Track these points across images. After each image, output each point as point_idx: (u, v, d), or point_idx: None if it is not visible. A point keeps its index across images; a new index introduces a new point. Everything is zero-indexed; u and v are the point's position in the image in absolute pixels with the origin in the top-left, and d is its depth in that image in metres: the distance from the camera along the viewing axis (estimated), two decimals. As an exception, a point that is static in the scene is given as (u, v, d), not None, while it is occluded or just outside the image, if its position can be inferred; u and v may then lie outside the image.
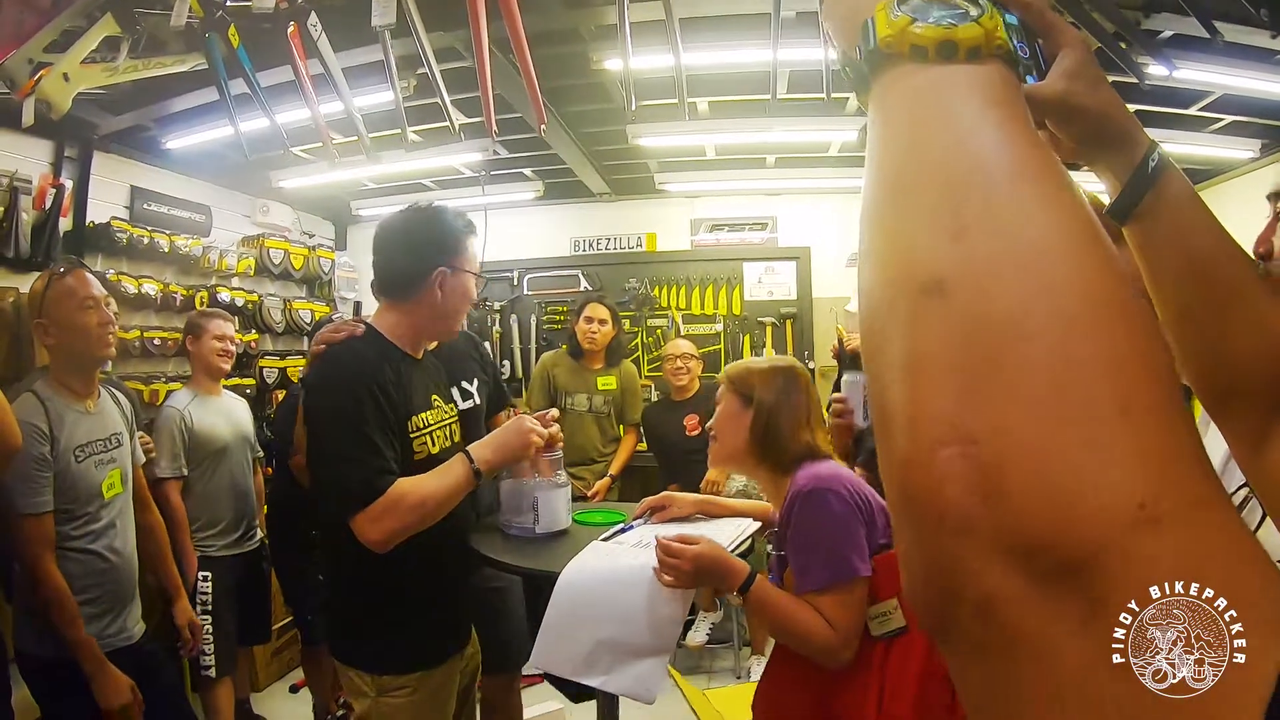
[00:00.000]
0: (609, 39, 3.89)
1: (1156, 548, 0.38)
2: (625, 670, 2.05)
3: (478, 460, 2.34)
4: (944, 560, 0.43)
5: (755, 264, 7.04)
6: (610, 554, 2.33)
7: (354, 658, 2.39)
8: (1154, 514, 0.38)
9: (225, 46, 3.18)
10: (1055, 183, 0.48)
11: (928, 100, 0.53)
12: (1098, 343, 0.43)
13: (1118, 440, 0.40)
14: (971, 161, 0.49)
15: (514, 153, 5.97)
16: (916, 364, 0.46)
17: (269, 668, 5.12)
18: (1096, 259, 0.46)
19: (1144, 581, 0.38)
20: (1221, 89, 4.25)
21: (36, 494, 2.69)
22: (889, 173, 0.53)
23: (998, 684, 0.42)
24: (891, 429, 0.46)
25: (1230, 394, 1.02)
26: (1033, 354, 0.42)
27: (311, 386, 2.35)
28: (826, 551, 2.00)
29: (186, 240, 5.39)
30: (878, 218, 0.52)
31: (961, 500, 0.41)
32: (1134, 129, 0.98)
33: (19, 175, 4.32)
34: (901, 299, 0.48)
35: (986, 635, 0.42)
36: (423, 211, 2.56)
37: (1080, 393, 0.41)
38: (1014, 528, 0.40)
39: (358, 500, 2.15)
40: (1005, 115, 0.51)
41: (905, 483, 0.45)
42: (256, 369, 5.85)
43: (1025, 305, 0.43)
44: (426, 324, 2.50)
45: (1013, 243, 0.45)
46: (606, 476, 5.38)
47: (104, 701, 2.73)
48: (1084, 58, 0.91)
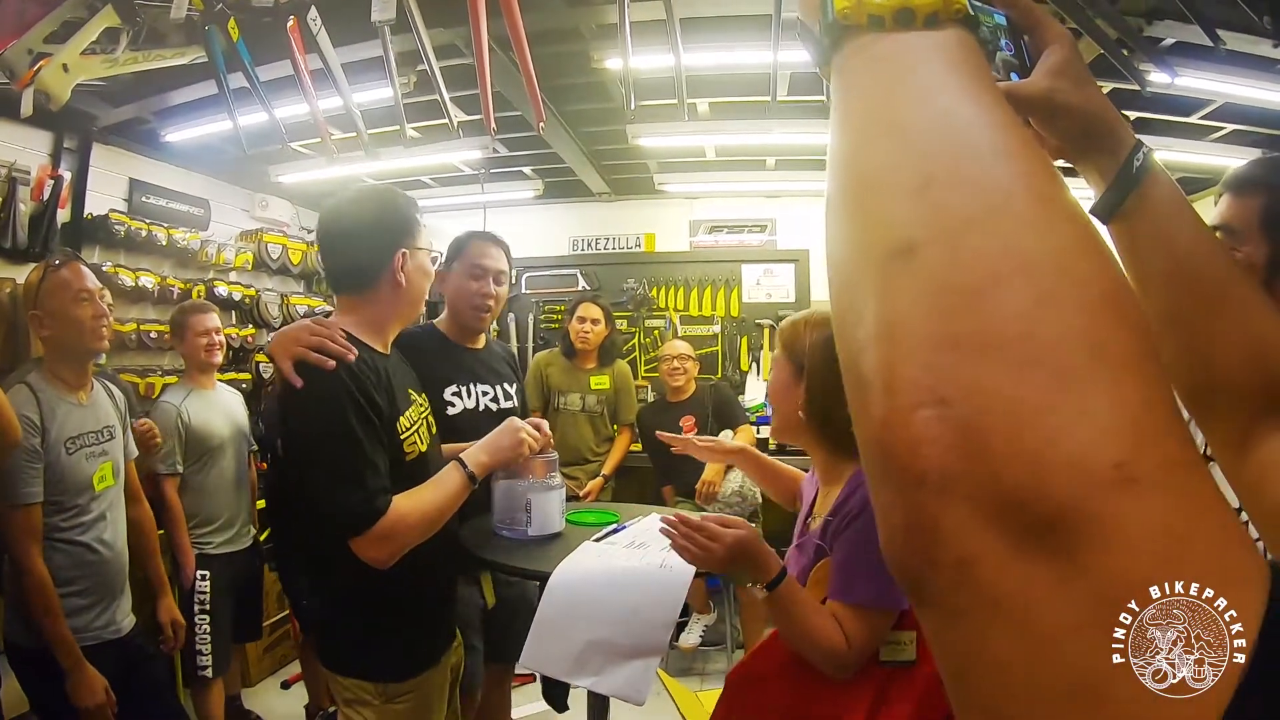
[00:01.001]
0: (609, 38, 3.89)
1: (1133, 509, 0.38)
2: (616, 671, 2.04)
3: (471, 465, 2.32)
4: (922, 521, 0.43)
5: (754, 266, 7.06)
6: (602, 555, 2.33)
7: (355, 668, 2.33)
8: (1131, 474, 0.38)
9: (225, 40, 3.18)
10: (1017, 137, 0.48)
11: (887, 67, 0.53)
12: (1068, 293, 0.43)
13: (1092, 393, 0.40)
14: (933, 122, 0.49)
15: (513, 151, 5.98)
16: (889, 328, 0.45)
17: (260, 663, 5.10)
18: (1061, 208, 0.46)
19: (1121, 543, 0.38)
20: (1223, 97, 4.24)
21: (25, 485, 2.68)
22: (852, 143, 0.53)
23: (975, 646, 0.42)
24: (867, 395, 0.46)
25: (1214, 396, 1.01)
26: (1003, 309, 0.42)
27: (296, 405, 2.22)
28: (878, 571, 1.83)
29: (184, 234, 5.39)
30: (844, 192, 0.52)
31: (939, 460, 0.41)
32: (1119, 127, 0.98)
33: (17, 166, 4.32)
34: (871, 265, 0.48)
35: (964, 596, 0.42)
36: (368, 195, 2.46)
37: (1053, 345, 0.41)
38: (991, 487, 0.40)
39: (360, 524, 2.10)
40: (965, 77, 0.51)
41: (883, 445, 0.45)
42: (253, 364, 5.85)
43: (993, 260, 0.43)
44: (392, 312, 2.39)
45: (977, 198, 0.45)
46: (599, 477, 5.36)
47: (77, 700, 2.72)
48: (1069, 55, 0.91)
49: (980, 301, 0.43)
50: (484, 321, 3.16)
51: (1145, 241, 0.99)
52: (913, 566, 0.44)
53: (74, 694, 2.71)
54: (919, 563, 0.44)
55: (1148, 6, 3.36)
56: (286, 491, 4.01)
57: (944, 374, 0.42)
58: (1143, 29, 3.42)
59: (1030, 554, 0.39)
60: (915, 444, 0.42)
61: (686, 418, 5.44)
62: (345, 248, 2.35)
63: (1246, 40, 3.40)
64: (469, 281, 3.09)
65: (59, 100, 3.08)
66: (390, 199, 2.42)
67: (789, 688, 1.97)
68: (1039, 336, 0.41)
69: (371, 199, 2.42)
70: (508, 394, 3.16)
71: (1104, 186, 0.99)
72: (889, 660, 1.90)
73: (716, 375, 6.73)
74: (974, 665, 0.42)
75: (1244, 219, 1.44)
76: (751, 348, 6.95)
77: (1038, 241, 0.44)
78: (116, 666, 2.89)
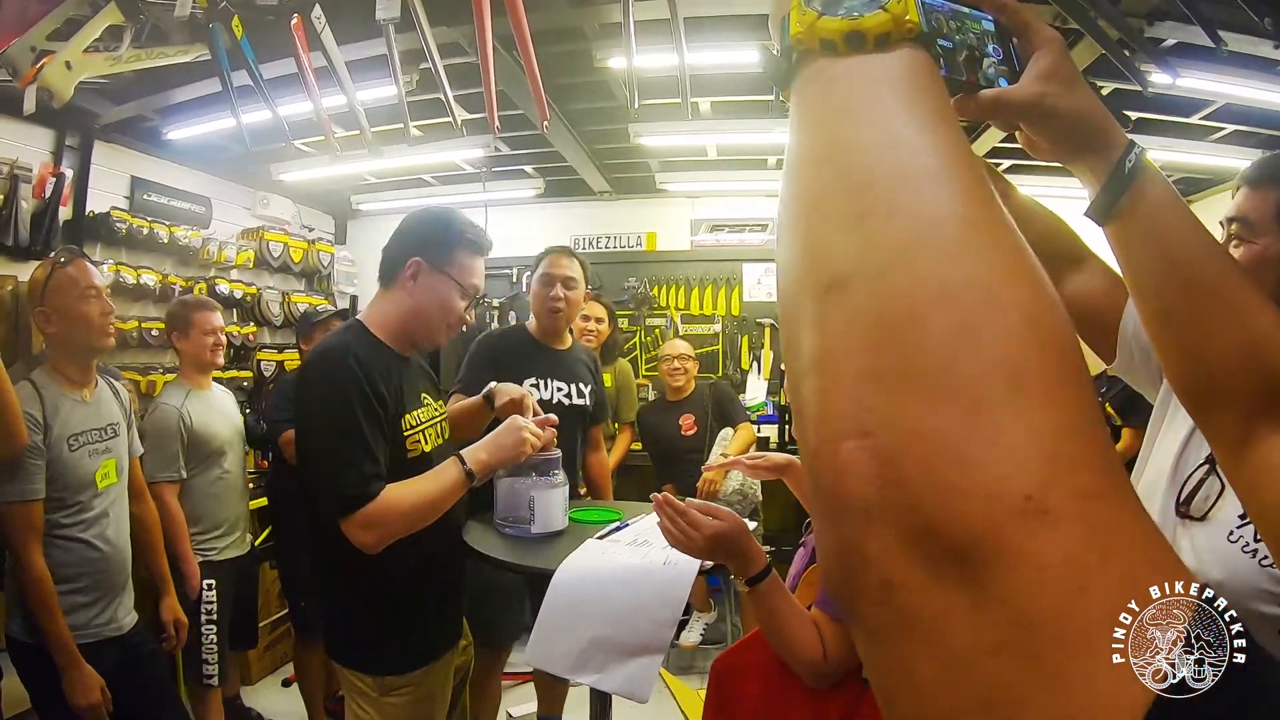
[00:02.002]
0: (612, 37, 3.90)
1: (1043, 540, 0.38)
2: (619, 669, 2.04)
3: (471, 462, 2.34)
4: (849, 546, 0.44)
5: (755, 265, 7.06)
6: (606, 552, 2.33)
7: (354, 659, 2.37)
8: (1041, 505, 0.39)
9: (229, 37, 3.18)
10: (955, 161, 0.48)
11: (834, 93, 0.53)
12: (990, 320, 0.43)
13: (1006, 423, 0.41)
14: (872, 151, 0.49)
15: (515, 150, 5.98)
16: (820, 360, 0.46)
17: (260, 662, 5.11)
18: (989, 233, 0.46)
19: (1029, 572, 0.38)
20: (1224, 98, 4.25)
21: (26, 481, 2.68)
22: (798, 169, 0.53)
23: (898, 666, 0.43)
24: (803, 422, 0.48)
25: (1211, 395, 1.01)
26: (924, 341, 0.43)
27: (304, 384, 2.32)
28: None
29: (186, 231, 5.39)
30: (789, 213, 0.53)
31: (861, 490, 0.42)
32: (1111, 129, 0.98)
33: (19, 163, 4.32)
34: (807, 297, 0.48)
35: (886, 618, 0.43)
36: (432, 209, 2.57)
37: (971, 376, 0.42)
38: (909, 515, 0.41)
39: (350, 504, 2.14)
40: (910, 100, 0.51)
41: (815, 473, 0.46)
42: (254, 362, 5.85)
43: (917, 292, 0.44)
44: (406, 319, 2.43)
45: (906, 230, 0.46)
46: (602, 475, 5.35)
47: (71, 698, 2.71)
48: (1058, 59, 0.91)
49: (903, 334, 0.43)
50: (557, 321, 3.60)
51: (1140, 241, 1.00)
52: (843, 588, 0.46)
53: (69, 692, 2.71)
54: (848, 585, 0.45)
55: (1149, 7, 3.36)
56: (291, 488, 3.99)
57: (868, 406, 0.43)
58: (1144, 30, 3.42)
59: (946, 580, 0.40)
60: (841, 473, 0.44)
61: (686, 416, 5.44)
62: (390, 238, 2.48)
63: (1248, 41, 3.40)
64: (542, 288, 3.57)
65: (62, 98, 3.08)
66: (440, 216, 2.52)
67: (766, 685, 2.01)
68: (957, 368, 0.42)
69: (430, 211, 2.56)
70: (580, 392, 3.59)
71: (1098, 188, 0.99)
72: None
73: (718, 374, 6.73)
74: (899, 685, 0.43)
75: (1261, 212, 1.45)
76: (752, 346, 6.95)
77: (962, 270, 0.44)
78: (117, 664, 2.89)
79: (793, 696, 1.96)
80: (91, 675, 2.75)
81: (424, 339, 2.50)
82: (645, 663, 2.03)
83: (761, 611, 1.91)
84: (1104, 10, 3.12)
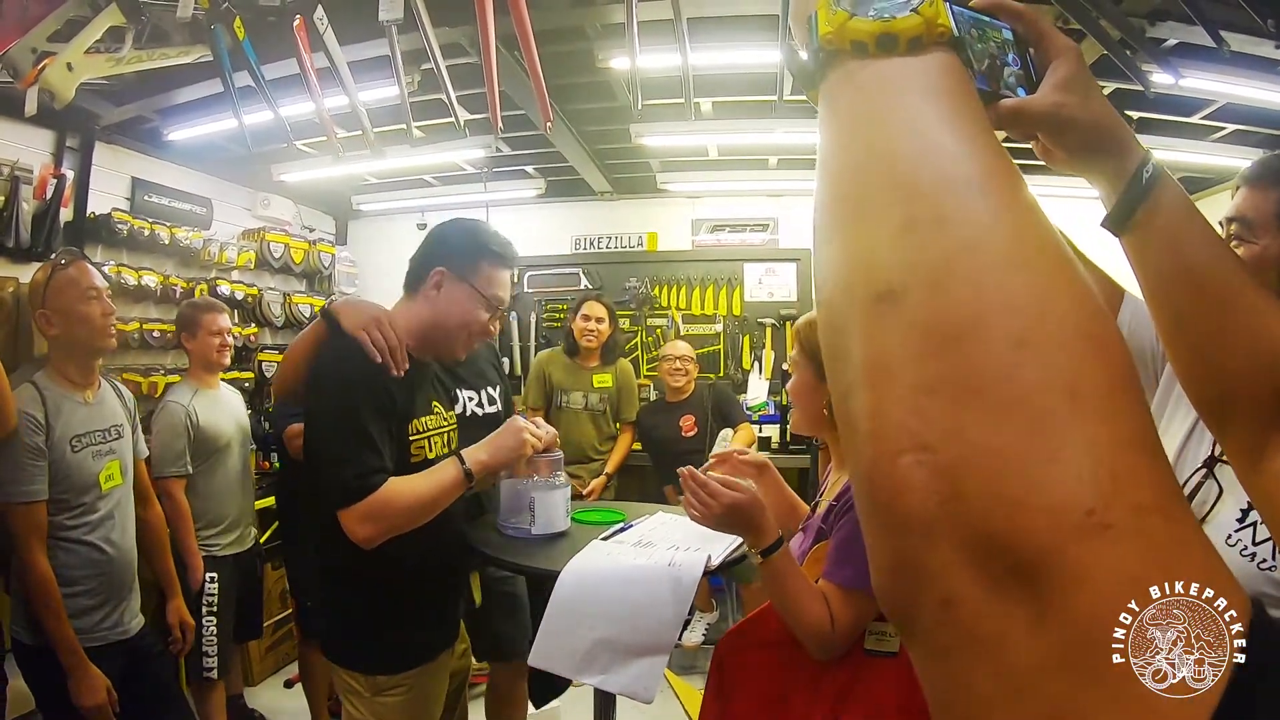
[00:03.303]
0: (613, 37, 3.89)
1: (1104, 555, 0.39)
2: (623, 669, 2.05)
3: (470, 462, 2.34)
4: (907, 562, 0.44)
5: (756, 265, 7.04)
6: (610, 553, 2.33)
7: (348, 658, 2.40)
8: (1103, 520, 0.39)
9: (230, 38, 3.18)
10: (995, 167, 0.48)
11: (870, 97, 0.53)
12: (1045, 333, 0.43)
13: (1067, 439, 0.41)
14: (913, 158, 0.49)
15: (516, 150, 5.98)
16: (873, 372, 0.46)
17: (263, 662, 5.11)
18: (1037, 242, 0.46)
19: (1091, 588, 0.38)
20: (1226, 98, 4.25)
21: (28, 482, 2.69)
22: (836, 175, 0.53)
23: (956, 681, 0.43)
24: (855, 437, 0.47)
25: (1228, 405, 1.01)
26: (982, 353, 0.43)
27: (318, 378, 2.33)
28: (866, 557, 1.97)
29: (187, 232, 5.38)
30: (828, 224, 0.52)
31: (921, 506, 0.42)
32: (1127, 139, 0.98)
33: (20, 165, 4.31)
34: (856, 307, 0.48)
35: (946, 634, 0.43)
36: (462, 220, 2.63)
37: (1029, 389, 0.42)
38: (969, 532, 0.41)
39: (350, 496, 2.16)
40: (947, 105, 0.51)
41: (870, 489, 0.46)
42: (255, 363, 5.85)
43: (971, 303, 0.44)
44: (427, 328, 2.44)
45: (956, 238, 0.46)
46: (602, 475, 5.38)
47: (77, 699, 2.72)
48: (1076, 69, 0.90)
49: (960, 346, 0.43)
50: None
51: (1155, 251, 1.00)
52: (900, 604, 0.46)
53: (75, 694, 2.72)
54: (906, 602, 0.45)
55: (1151, 7, 3.36)
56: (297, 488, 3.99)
57: (926, 420, 0.43)
58: (1146, 30, 3.42)
59: (1008, 596, 0.40)
60: (899, 489, 0.43)
61: (686, 417, 5.45)
62: (416, 251, 2.51)
63: (1250, 41, 3.40)
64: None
65: (63, 99, 3.08)
66: (470, 229, 2.57)
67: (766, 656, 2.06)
68: (1015, 381, 0.42)
69: (462, 222, 2.62)
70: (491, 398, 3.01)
71: (1114, 198, 0.99)
72: (873, 650, 1.98)
73: (719, 374, 6.72)
74: (957, 699, 0.43)
75: (1261, 211, 1.45)
76: (753, 346, 6.94)
77: (1015, 281, 0.44)
78: (122, 666, 2.90)
79: (794, 668, 2.00)
80: (98, 676, 2.76)
81: (443, 348, 2.50)
82: (650, 663, 2.04)
83: (772, 583, 1.96)
84: (1106, 10, 3.13)
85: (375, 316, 2.32)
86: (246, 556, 4.09)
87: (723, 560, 2.27)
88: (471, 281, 2.43)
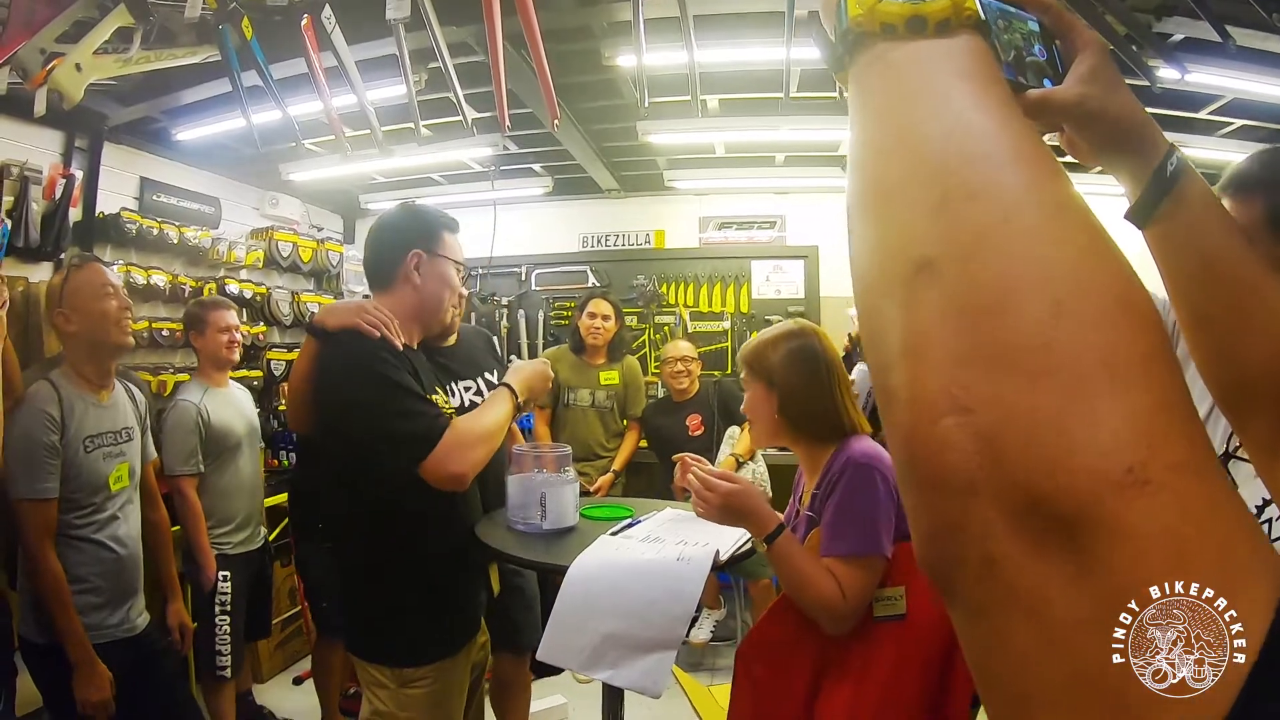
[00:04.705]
0: (620, 35, 3.90)
1: (1143, 510, 0.39)
2: (632, 664, 2.05)
3: (519, 391, 2.54)
4: (948, 523, 0.45)
5: (763, 262, 7.04)
6: (620, 548, 2.34)
7: (373, 652, 2.42)
8: (1142, 477, 0.40)
9: (238, 38, 3.19)
10: (1027, 144, 0.49)
11: (901, 77, 0.54)
12: (1082, 300, 0.44)
13: (1105, 400, 0.42)
14: (947, 135, 0.50)
15: (523, 148, 5.99)
16: (912, 344, 0.47)
17: (272, 660, 5.13)
18: (1072, 214, 0.47)
19: (1130, 543, 0.39)
20: (1233, 93, 4.24)
21: (41, 480, 2.71)
22: (869, 155, 0.54)
23: (997, 641, 0.44)
24: (895, 407, 0.48)
25: (1249, 399, 1.00)
26: (1020, 321, 0.44)
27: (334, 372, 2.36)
28: (862, 522, 2.06)
29: (195, 232, 5.40)
30: (864, 203, 0.53)
31: (961, 466, 0.43)
32: (1152, 132, 0.97)
33: (29, 165, 4.33)
34: (894, 281, 0.49)
35: (987, 594, 0.44)
36: (401, 207, 2.72)
37: (1068, 355, 0.43)
38: (1010, 490, 0.42)
39: (427, 442, 2.22)
40: (977, 85, 0.52)
41: (910, 453, 0.47)
42: (264, 361, 5.87)
43: (1009, 273, 0.45)
44: (413, 312, 2.53)
45: (991, 212, 0.47)
46: (610, 472, 5.38)
47: (80, 693, 2.73)
48: (1101, 61, 0.90)
49: (998, 315, 0.44)
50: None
51: (1178, 244, 0.99)
52: (942, 566, 0.46)
53: (79, 687, 2.73)
54: (947, 562, 0.46)
55: (1157, 2, 3.35)
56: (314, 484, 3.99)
57: (966, 386, 0.44)
58: (1152, 25, 3.42)
59: (1049, 553, 0.41)
60: (940, 450, 0.44)
61: (693, 416, 5.46)
62: (373, 246, 2.60)
63: (1256, 36, 3.39)
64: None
65: (72, 99, 3.09)
66: (413, 209, 2.69)
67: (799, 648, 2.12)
68: (1055, 347, 0.43)
69: (401, 209, 2.68)
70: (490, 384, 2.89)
71: (1138, 191, 0.99)
72: (883, 616, 2.07)
73: (726, 371, 6.71)
74: (998, 658, 0.44)
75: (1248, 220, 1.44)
76: (761, 344, 6.93)
77: (1051, 251, 0.45)
78: (130, 663, 2.91)
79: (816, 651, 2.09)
80: (104, 673, 2.78)
81: (434, 321, 2.61)
82: (659, 658, 2.05)
83: (780, 565, 2.04)
84: (1112, 5, 3.13)
85: (359, 305, 2.43)
86: (256, 555, 4.10)
87: (731, 555, 2.28)
88: (441, 252, 2.56)
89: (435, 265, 2.55)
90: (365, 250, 2.65)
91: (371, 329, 2.34)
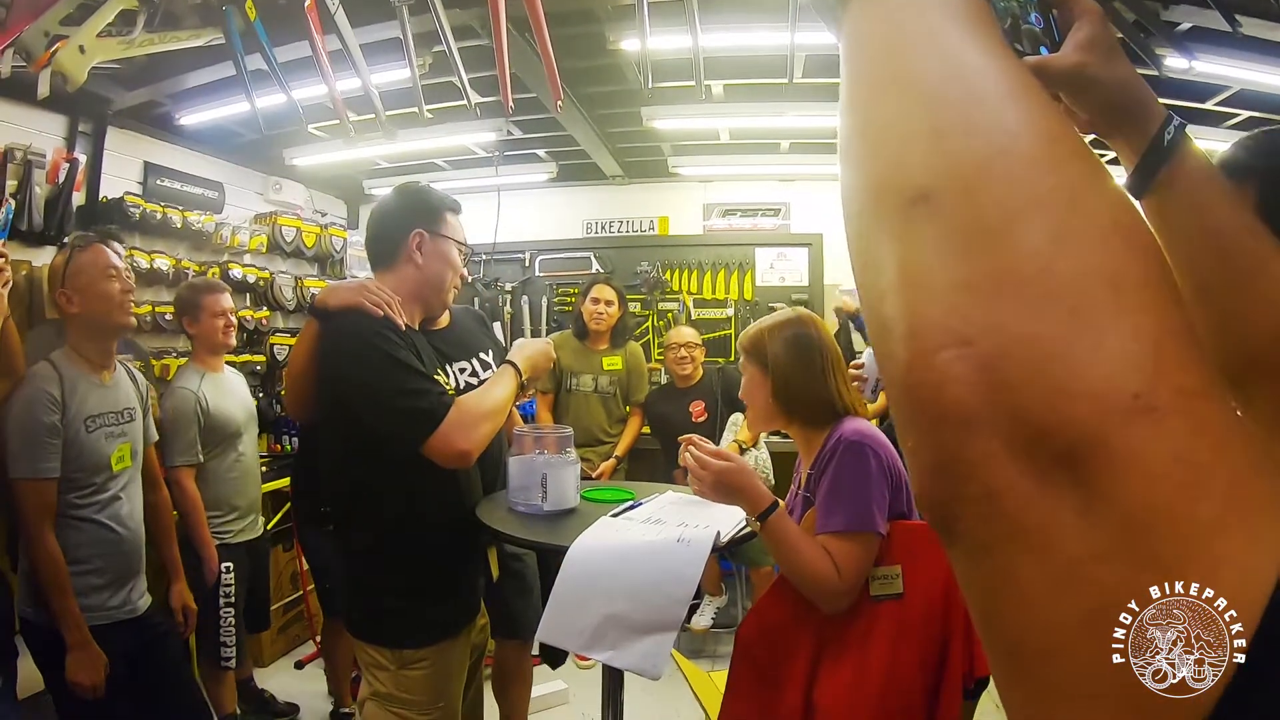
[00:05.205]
0: (624, 19, 3.89)
1: (1152, 437, 0.39)
2: (632, 646, 2.05)
3: (523, 369, 2.55)
4: (950, 457, 0.44)
5: (767, 249, 7.03)
6: (620, 530, 2.34)
7: (373, 633, 2.44)
8: (1149, 403, 0.39)
9: (242, 21, 3.19)
10: (1020, 80, 0.49)
11: (895, 19, 0.53)
12: (1081, 226, 0.44)
13: (1109, 325, 0.41)
14: (940, 71, 0.50)
15: (527, 134, 5.98)
16: (909, 274, 0.47)
17: (274, 644, 5.14)
18: (1067, 144, 0.47)
19: (1140, 470, 0.39)
20: (1240, 84, 4.22)
21: (42, 460, 2.72)
22: (863, 93, 0.54)
23: (999, 579, 0.43)
24: (891, 340, 0.47)
25: (1250, 372, 0.98)
26: (1019, 248, 0.43)
27: (340, 350, 2.36)
28: (855, 500, 2.10)
29: (199, 216, 5.39)
30: (856, 143, 0.53)
31: (963, 398, 0.42)
32: (1150, 101, 0.97)
33: (33, 149, 4.32)
34: (888, 213, 0.49)
35: (991, 529, 0.43)
36: (404, 187, 2.73)
37: (1069, 281, 0.42)
38: (1014, 420, 0.41)
39: (432, 420, 2.24)
40: (968, 24, 0.51)
41: (909, 387, 0.46)
42: (267, 346, 5.87)
43: (1006, 201, 0.44)
44: (415, 291, 2.55)
45: (987, 143, 0.46)
46: (612, 458, 5.39)
47: (74, 675, 2.73)
48: (1099, 29, 0.90)
49: (996, 242, 0.44)
50: None
51: (1178, 215, 0.98)
52: (943, 503, 0.45)
53: (73, 669, 2.73)
54: (948, 498, 0.45)
55: (1165, -10, 3.35)
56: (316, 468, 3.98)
57: (965, 315, 0.43)
58: (1160, 13, 3.40)
59: (1054, 484, 0.40)
60: (940, 384, 0.43)
61: (696, 403, 5.45)
62: (375, 225, 2.62)
63: (1264, 26, 3.38)
64: None
65: (76, 82, 3.09)
66: (416, 189, 2.70)
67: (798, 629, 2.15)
68: (1055, 273, 0.42)
69: (402, 189, 2.69)
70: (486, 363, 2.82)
71: (1136, 160, 0.98)
72: (880, 595, 2.11)
73: (729, 358, 6.71)
74: (1001, 599, 0.43)
75: None
76: (764, 331, 6.92)
77: (1048, 179, 0.45)
78: (131, 645, 2.92)
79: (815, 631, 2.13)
80: (99, 656, 2.78)
81: (437, 300, 2.63)
82: (659, 640, 2.05)
83: (775, 544, 2.09)
84: (1120, -8, 3.11)
85: (361, 285, 2.44)
86: (257, 544, 4.10)
87: (731, 537, 2.28)
88: (444, 233, 2.58)
89: (437, 245, 2.57)
90: (367, 229, 2.66)
91: (375, 308, 2.35)
